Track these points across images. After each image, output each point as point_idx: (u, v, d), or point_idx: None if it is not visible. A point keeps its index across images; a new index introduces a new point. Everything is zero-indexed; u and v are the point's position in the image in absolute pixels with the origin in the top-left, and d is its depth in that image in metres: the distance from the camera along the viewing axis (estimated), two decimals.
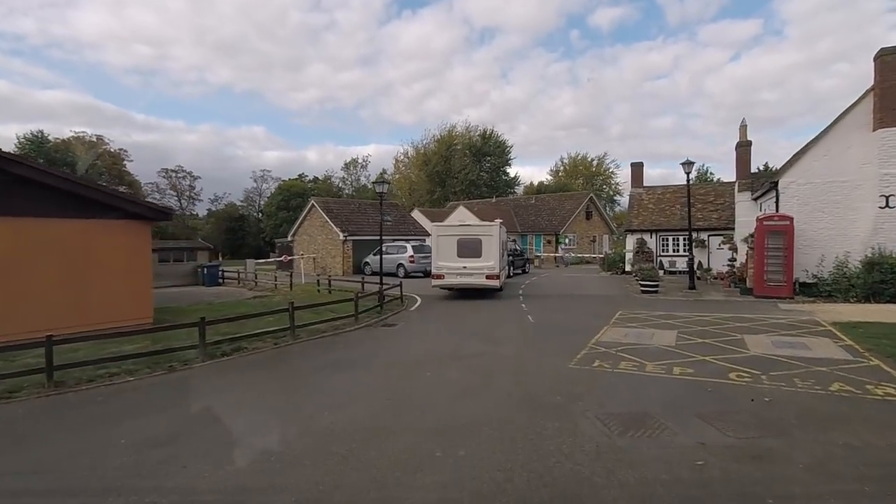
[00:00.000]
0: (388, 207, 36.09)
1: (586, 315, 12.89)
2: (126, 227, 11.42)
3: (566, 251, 37.79)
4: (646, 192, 28.85)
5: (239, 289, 21.80)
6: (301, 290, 19.79)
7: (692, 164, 18.25)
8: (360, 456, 4.44)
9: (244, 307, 14.73)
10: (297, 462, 4.35)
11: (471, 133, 64.44)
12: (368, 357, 8.69)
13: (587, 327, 10.94)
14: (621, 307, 14.09)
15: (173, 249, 24.29)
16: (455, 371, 7.54)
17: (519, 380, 6.96)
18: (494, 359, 8.31)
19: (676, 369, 7.29)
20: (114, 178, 57.71)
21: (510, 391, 6.42)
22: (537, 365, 7.80)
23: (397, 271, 26.00)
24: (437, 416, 5.53)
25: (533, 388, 6.55)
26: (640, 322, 11.52)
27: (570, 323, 11.74)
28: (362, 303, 13.52)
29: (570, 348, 8.82)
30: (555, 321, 12.04)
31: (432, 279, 16.54)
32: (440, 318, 13.22)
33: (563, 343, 9.32)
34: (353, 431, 5.06)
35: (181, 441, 4.94)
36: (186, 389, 7.10)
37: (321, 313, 12.52)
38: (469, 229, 16.73)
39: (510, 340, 9.80)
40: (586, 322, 11.70)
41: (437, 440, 4.76)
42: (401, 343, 9.89)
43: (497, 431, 4.96)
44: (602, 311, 13.41)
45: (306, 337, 10.13)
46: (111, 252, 11.11)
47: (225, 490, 3.89)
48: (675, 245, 26.04)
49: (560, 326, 11.30)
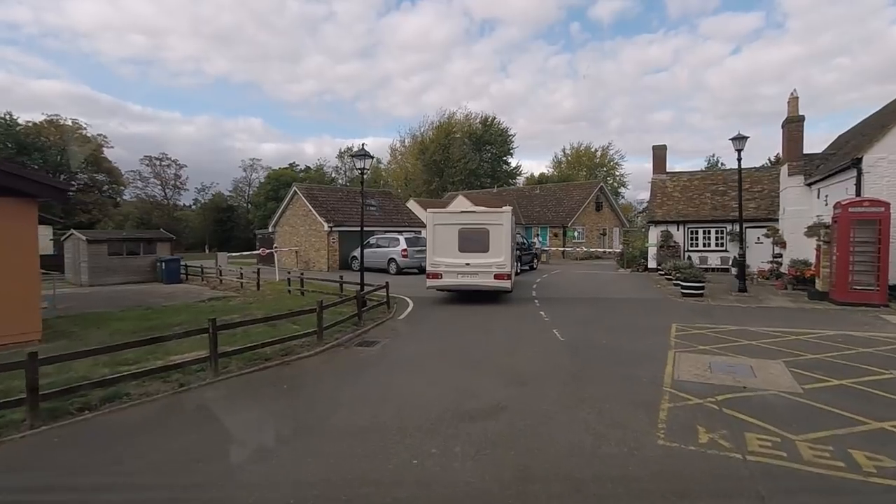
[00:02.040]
0: (381, 195, 32.77)
1: (632, 329, 9.69)
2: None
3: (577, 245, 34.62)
4: (670, 178, 25.59)
5: (200, 287, 18.52)
6: (271, 289, 16.53)
7: (744, 140, 14.98)
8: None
9: (184, 314, 11.46)
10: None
11: (471, 121, 61.02)
12: (315, 416, 5.41)
13: (644, 352, 7.73)
14: (672, 317, 10.90)
15: (127, 240, 20.83)
16: (460, 456, 4.29)
17: (580, 486, 3.73)
18: (524, 422, 5.05)
19: (859, 456, 4.07)
20: (90, 165, 54.14)
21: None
22: (599, 437, 4.58)
23: (388, 267, 22.76)
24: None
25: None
26: (713, 342, 8.32)
27: (617, 343, 8.52)
28: (339, 310, 10.32)
29: (638, 396, 5.62)
30: (593, 340, 8.81)
31: (427, 279, 13.29)
32: (435, 332, 9.99)
33: (623, 384, 6.12)
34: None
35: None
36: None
37: (278, 327, 9.29)
38: (473, 217, 13.44)
39: (540, 378, 6.56)
40: (638, 342, 8.49)
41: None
42: (375, 381, 6.63)
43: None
44: (650, 324, 10.21)
45: (237, 369, 6.83)
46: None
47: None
48: (706, 238, 22.82)
49: (604, 349, 8.08)
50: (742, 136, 14.91)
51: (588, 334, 9.31)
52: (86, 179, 55.05)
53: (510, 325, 10.45)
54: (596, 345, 8.42)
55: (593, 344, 8.49)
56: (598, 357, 7.59)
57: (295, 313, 8.74)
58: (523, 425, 4.89)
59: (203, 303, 13.99)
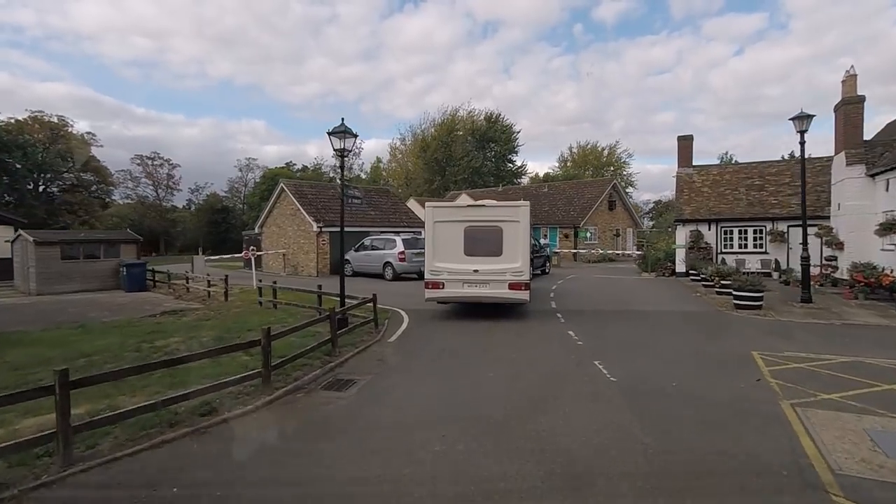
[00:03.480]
0: (377, 193, 30.26)
1: (701, 360, 7.13)
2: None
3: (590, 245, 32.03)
4: (697, 172, 22.99)
5: (163, 297, 16.01)
6: (242, 300, 14.00)
7: (809, 119, 12.40)
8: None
9: (112, 337, 8.92)
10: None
11: (474, 117, 58.49)
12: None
13: (743, 405, 5.18)
14: (742, 340, 8.34)
15: (85, 242, 18.21)
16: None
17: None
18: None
19: None
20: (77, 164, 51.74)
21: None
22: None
23: (384, 272, 20.23)
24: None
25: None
26: (833, 386, 5.74)
27: (691, 386, 5.95)
28: (314, 330, 7.82)
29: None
30: (655, 379, 6.25)
31: (425, 289, 10.74)
32: (435, 363, 7.45)
33: (746, 481, 3.58)
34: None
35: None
36: None
37: (224, 364, 6.76)
38: (483, 212, 10.87)
39: (601, 468, 4.00)
40: (720, 383, 5.94)
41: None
42: (338, 471, 4.06)
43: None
44: (721, 351, 7.67)
45: (110, 450, 4.22)
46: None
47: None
48: (742, 239, 20.19)
49: (680, 399, 5.51)
50: (806, 114, 12.34)
51: (643, 369, 6.76)
52: (72, 179, 52.71)
53: (535, 352, 7.89)
54: (663, 390, 5.85)
55: (657, 387, 5.93)
56: (675, 415, 5.03)
57: (242, 346, 6.16)
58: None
59: (152, 318, 11.48)
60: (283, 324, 9.70)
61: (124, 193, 62.88)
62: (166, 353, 7.52)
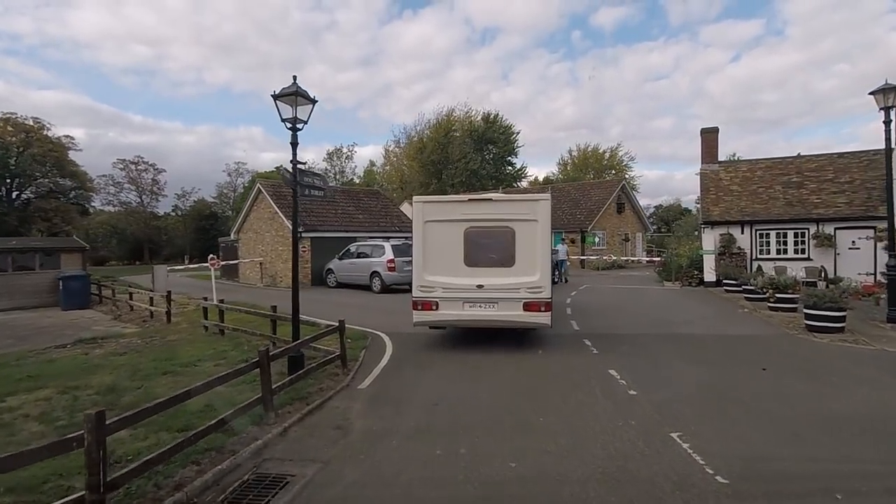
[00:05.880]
0: (367, 195, 27.68)
1: (828, 425, 4.56)
2: None
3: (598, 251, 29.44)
4: (723, 168, 20.51)
5: (101, 316, 13.34)
6: (188, 321, 11.34)
7: (894, 92, 9.91)
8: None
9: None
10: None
11: (472, 117, 56.12)
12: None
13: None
14: (854, 382, 5.76)
15: (16, 251, 15.52)
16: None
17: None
18: None
19: None
20: (53, 169, 49.01)
21: None
22: None
23: (371, 283, 17.64)
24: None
25: None
26: None
27: (869, 487, 3.37)
28: (254, 375, 5.23)
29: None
30: (781, 469, 3.65)
31: (414, 311, 8.10)
32: (423, 439, 4.87)
33: None
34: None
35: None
36: None
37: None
38: (489, 209, 8.23)
39: None
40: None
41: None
42: None
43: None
44: (852, 412, 5.07)
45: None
46: None
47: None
48: (781, 243, 17.66)
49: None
50: (892, 86, 9.85)
51: (749, 444, 4.19)
52: (48, 185, 49.92)
53: (570, 410, 5.29)
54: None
55: (804, 490, 3.33)
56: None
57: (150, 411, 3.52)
58: None
59: (62, 349, 8.80)
60: (220, 359, 7.10)
61: (105, 200, 60.08)
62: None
